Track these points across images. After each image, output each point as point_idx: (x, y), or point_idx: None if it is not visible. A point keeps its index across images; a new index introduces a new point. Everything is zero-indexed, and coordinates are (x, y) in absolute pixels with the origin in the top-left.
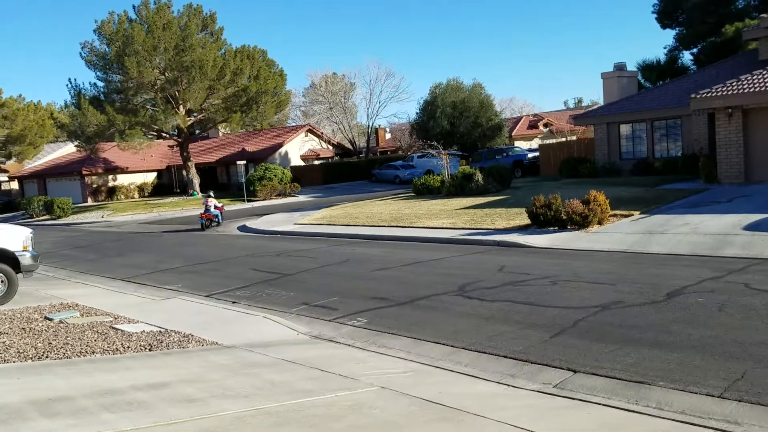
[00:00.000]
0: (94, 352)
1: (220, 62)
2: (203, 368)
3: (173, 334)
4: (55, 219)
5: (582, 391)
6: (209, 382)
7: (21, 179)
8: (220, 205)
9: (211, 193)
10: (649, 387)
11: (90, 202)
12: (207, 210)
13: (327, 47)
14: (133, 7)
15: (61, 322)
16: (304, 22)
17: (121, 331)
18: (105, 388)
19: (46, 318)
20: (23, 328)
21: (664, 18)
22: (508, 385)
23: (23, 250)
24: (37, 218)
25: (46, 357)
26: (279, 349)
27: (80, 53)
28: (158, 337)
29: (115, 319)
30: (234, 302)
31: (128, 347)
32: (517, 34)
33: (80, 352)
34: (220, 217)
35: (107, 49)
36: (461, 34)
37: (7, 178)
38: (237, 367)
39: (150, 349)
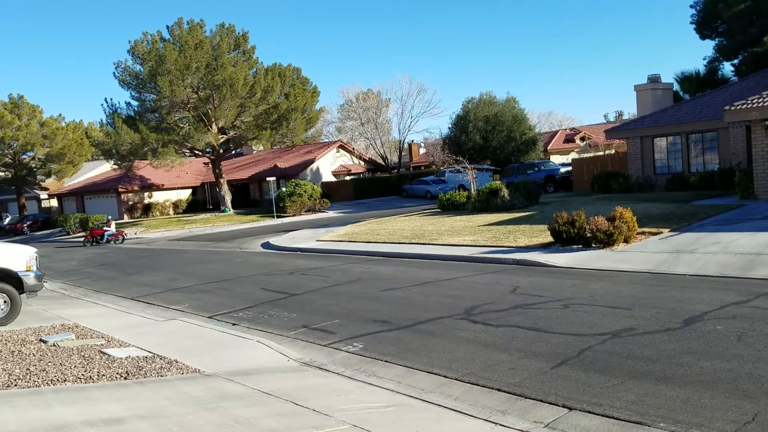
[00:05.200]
0: (66, 381)
1: (251, 80)
2: (169, 401)
3: (158, 359)
4: None
5: None
6: (168, 418)
7: (60, 197)
8: (113, 232)
9: (110, 217)
10: (647, 429)
11: (126, 218)
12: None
13: (359, 63)
14: (167, 27)
15: (54, 345)
16: (336, 39)
17: (108, 355)
18: (55, 424)
19: (41, 340)
20: (13, 351)
21: (704, 29)
22: (496, 423)
23: (27, 270)
24: (74, 235)
25: (15, 385)
26: (261, 377)
27: (114, 73)
28: (140, 364)
29: (108, 342)
30: (234, 324)
31: (104, 375)
32: (556, 49)
33: (52, 380)
34: (106, 237)
35: (140, 69)
36: (496, 48)
37: (47, 196)
38: (207, 399)
39: (125, 378)
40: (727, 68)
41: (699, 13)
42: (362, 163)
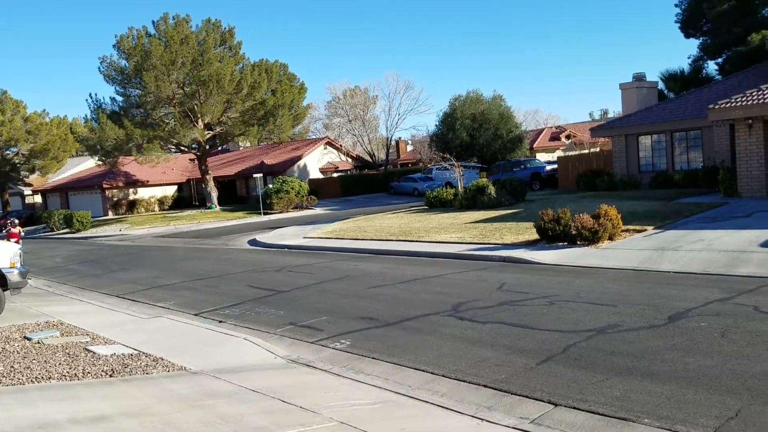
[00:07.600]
0: (50, 378)
1: (237, 76)
2: (155, 399)
3: (144, 357)
4: (74, 232)
5: (559, 428)
6: (154, 416)
7: (44, 193)
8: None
9: (16, 221)
10: (632, 425)
11: (111, 215)
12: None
13: (346, 60)
14: (153, 22)
15: (38, 342)
16: (324, 36)
17: (93, 353)
18: (41, 422)
19: (25, 338)
20: None
21: (688, 27)
22: (482, 420)
23: (10, 267)
24: (58, 231)
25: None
26: (248, 375)
27: (99, 68)
28: (126, 361)
29: (93, 339)
30: (220, 321)
31: (89, 373)
32: (542, 47)
33: (36, 377)
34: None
35: (125, 64)
36: (483, 47)
37: (30, 192)
38: (193, 397)
39: (111, 375)
40: (712, 67)
41: (684, 12)
42: (349, 160)
